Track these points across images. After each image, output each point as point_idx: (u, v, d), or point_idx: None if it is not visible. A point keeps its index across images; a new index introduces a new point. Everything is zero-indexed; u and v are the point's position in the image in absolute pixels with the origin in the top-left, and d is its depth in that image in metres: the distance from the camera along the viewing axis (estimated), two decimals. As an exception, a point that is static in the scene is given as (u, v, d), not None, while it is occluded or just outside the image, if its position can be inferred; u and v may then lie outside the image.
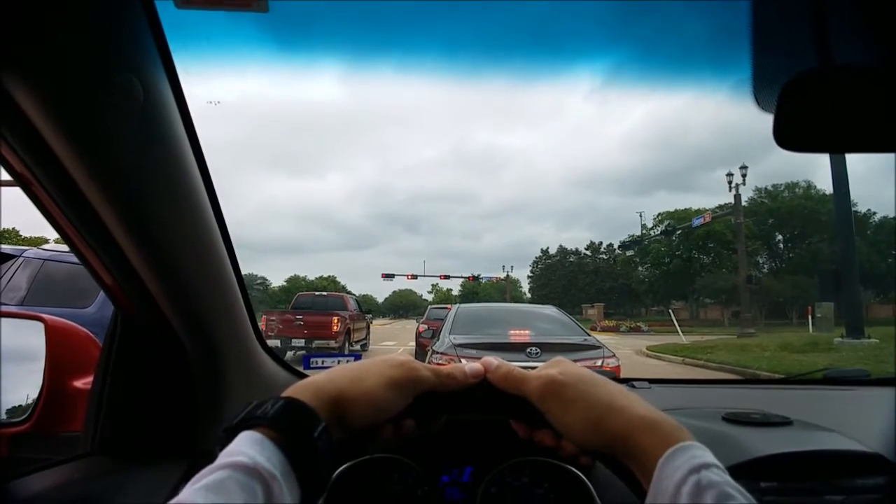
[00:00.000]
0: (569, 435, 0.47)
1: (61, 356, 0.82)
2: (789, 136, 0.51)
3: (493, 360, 0.52)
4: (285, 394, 0.43)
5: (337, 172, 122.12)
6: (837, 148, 0.53)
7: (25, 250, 4.12)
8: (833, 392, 1.23)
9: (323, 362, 1.22)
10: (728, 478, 0.38)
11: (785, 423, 0.82)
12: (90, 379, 0.76)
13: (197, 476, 0.36)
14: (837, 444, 0.75)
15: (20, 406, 0.81)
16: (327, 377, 0.46)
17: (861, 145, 0.54)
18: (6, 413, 0.81)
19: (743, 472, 0.69)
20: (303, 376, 1.12)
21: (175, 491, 0.69)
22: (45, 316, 0.83)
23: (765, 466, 0.70)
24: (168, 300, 0.68)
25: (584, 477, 0.72)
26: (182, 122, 0.57)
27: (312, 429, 0.40)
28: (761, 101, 0.58)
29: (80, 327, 0.87)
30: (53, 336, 0.81)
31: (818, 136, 0.52)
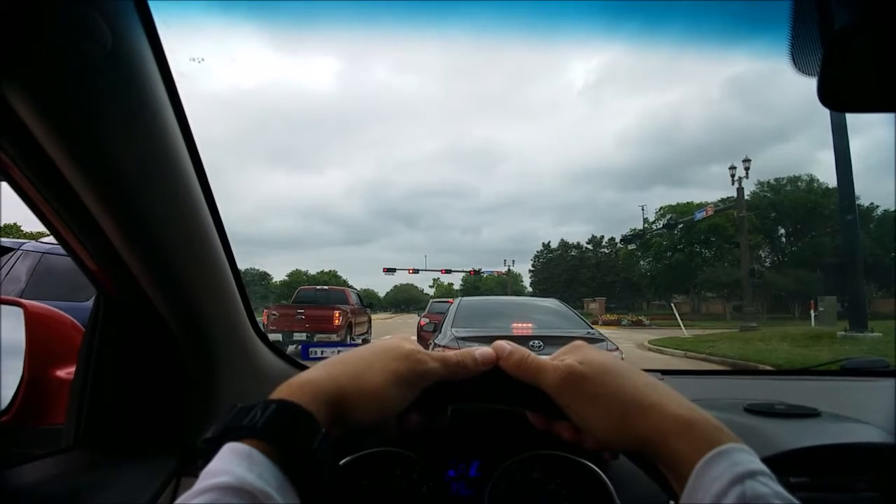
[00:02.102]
0: (590, 433, 0.42)
1: (43, 344, 0.77)
2: (836, 95, 0.46)
3: (505, 344, 0.47)
4: (277, 394, 0.38)
5: (336, 167, 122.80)
6: (889, 107, 0.47)
7: (24, 243, 4.09)
8: (852, 383, 1.19)
9: (322, 352, 1.18)
10: (778, 487, 0.33)
11: (812, 413, 0.77)
12: (74, 369, 0.72)
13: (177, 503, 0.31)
14: (871, 436, 0.71)
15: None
16: (326, 374, 0.41)
17: None
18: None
19: (770, 466, 0.64)
20: (300, 367, 1.08)
21: (162, 489, 0.66)
22: (24, 301, 0.78)
23: (794, 460, 0.65)
24: (153, 282, 0.63)
25: (601, 473, 0.67)
26: (162, 80, 0.52)
27: (311, 437, 0.35)
28: (800, 62, 0.53)
29: (63, 314, 0.83)
30: (34, 323, 0.76)
31: (866, 95, 0.47)
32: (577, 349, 0.46)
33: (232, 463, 0.32)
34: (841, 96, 0.47)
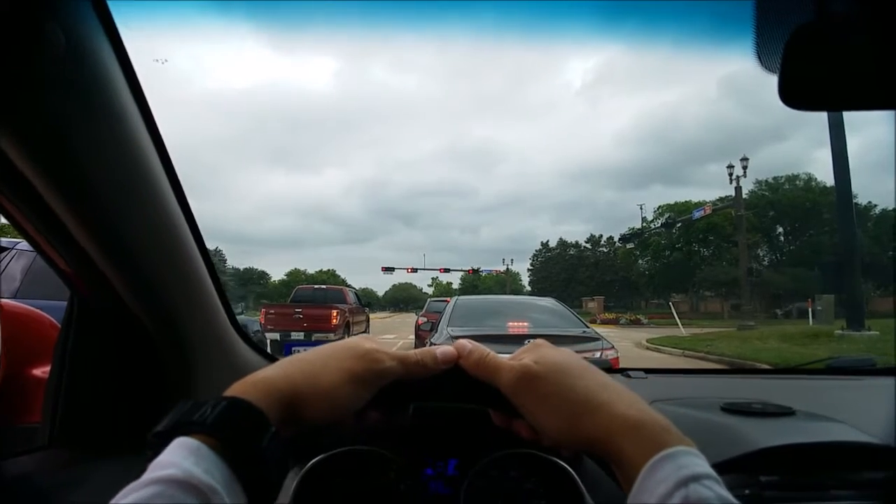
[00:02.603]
0: (543, 432, 0.42)
1: (19, 343, 0.77)
2: (795, 93, 0.46)
3: (466, 343, 0.47)
4: (230, 391, 0.38)
5: (334, 167, 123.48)
6: (846, 105, 0.48)
7: (18, 242, 4.09)
8: (837, 382, 1.19)
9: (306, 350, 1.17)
10: (723, 491, 0.32)
11: (787, 412, 0.77)
12: (51, 367, 0.72)
13: (120, 494, 0.31)
14: (844, 435, 0.71)
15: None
16: (282, 372, 0.41)
17: (868, 102, 0.49)
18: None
19: (742, 465, 0.64)
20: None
21: None
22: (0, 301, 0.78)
23: (765, 459, 0.65)
24: (125, 283, 0.63)
25: (571, 471, 0.67)
26: (126, 82, 0.52)
27: (260, 436, 0.35)
28: (764, 60, 0.53)
29: (41, 313, 0.83)
30: (10, 322, 0.76)
31: (825, 94, 0.47)
32: (536, 348, 0.46)
33: (180, 456, 0.32)
34: (801, 94, 0.47)
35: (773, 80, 0.51)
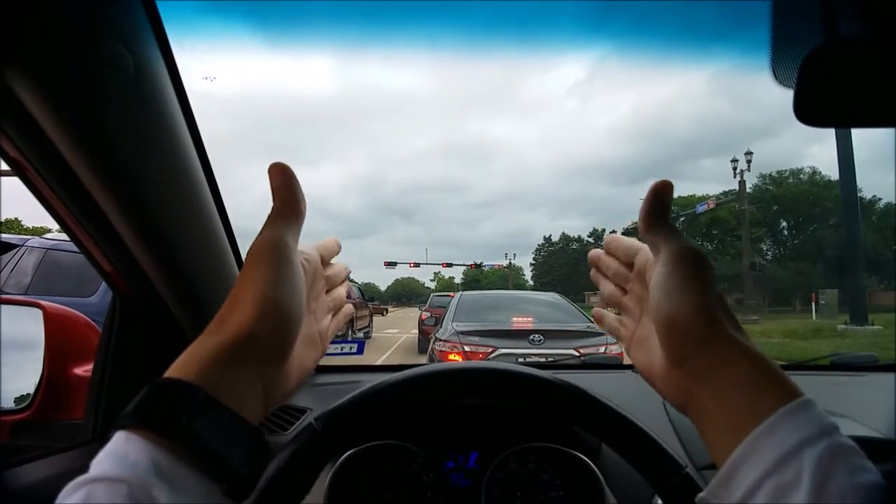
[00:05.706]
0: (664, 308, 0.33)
1: (61, 343, 0.81)
2: (810, 111, 0.49)
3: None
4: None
5: (331, 163, 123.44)
6: (863, 123, 0.50)
7: (28, 239, 4.12)
8: (841, 378, 1.21)
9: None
10: None
11: None
12: (91, 366, 0.75)
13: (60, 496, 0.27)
14: (849, 430, 0.74)
15: (20, 393, 0.81)
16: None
17: (879, 120, 0.52)
18: (6, 400, 0.80)
19: None
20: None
21: None
22: (43, 302, 0.82)
23: None
24: (166, 284, 0.66)
25: (591, 463, 0.71)
26: (177, 98, 0.55)
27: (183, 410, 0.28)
28: (780, 75, 0.55)
29: (79, 314, 0.86)
30: (52, 323, 0.80)
31: (842, 111, 0.49)
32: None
33: (107, 452, 0.28)
34: (815, 112, 0.49)
35: (764, 80, 0.53)
